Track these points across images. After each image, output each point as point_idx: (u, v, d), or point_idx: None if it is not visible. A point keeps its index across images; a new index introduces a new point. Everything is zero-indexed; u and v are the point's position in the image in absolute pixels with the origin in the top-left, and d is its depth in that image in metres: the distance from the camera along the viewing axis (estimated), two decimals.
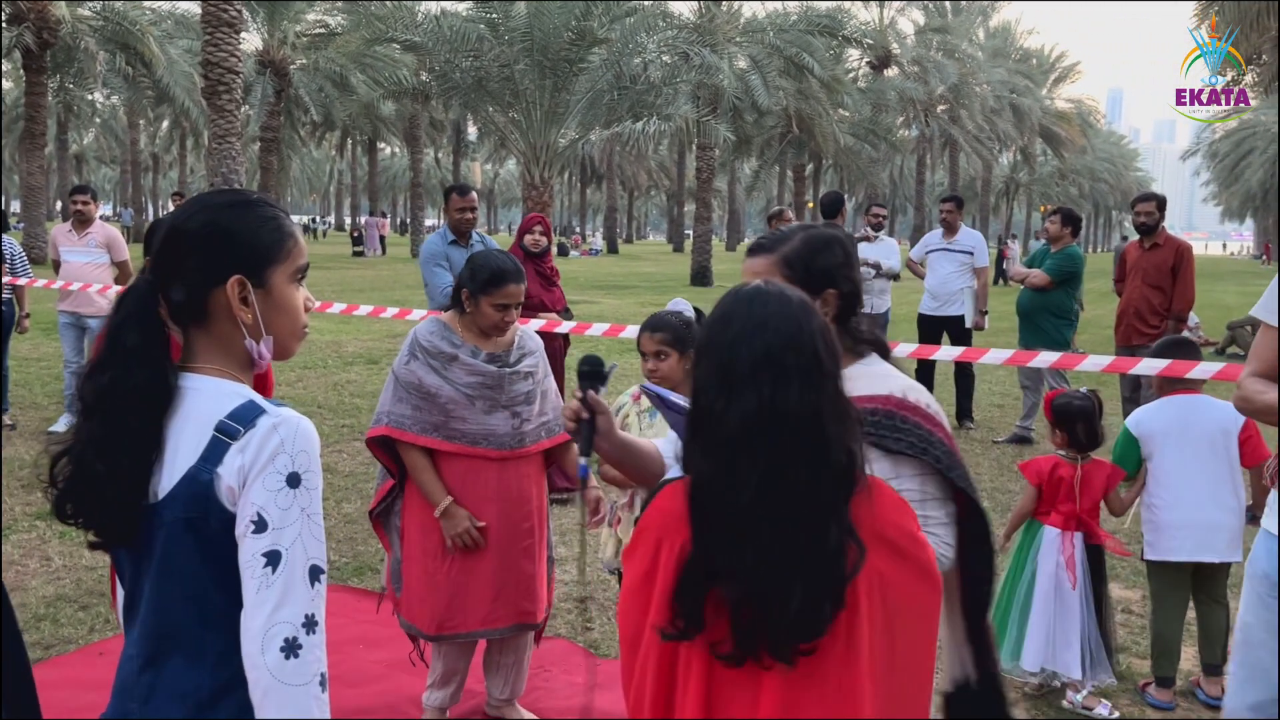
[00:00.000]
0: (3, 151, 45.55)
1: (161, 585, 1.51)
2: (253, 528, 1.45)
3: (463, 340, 3.22)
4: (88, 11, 26.60)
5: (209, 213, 1.55)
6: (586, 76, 19.85)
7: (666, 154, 52.67)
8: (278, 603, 1.44)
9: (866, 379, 2.01)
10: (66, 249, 7.64)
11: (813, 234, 2.07)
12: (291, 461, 1.47)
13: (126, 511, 1.49)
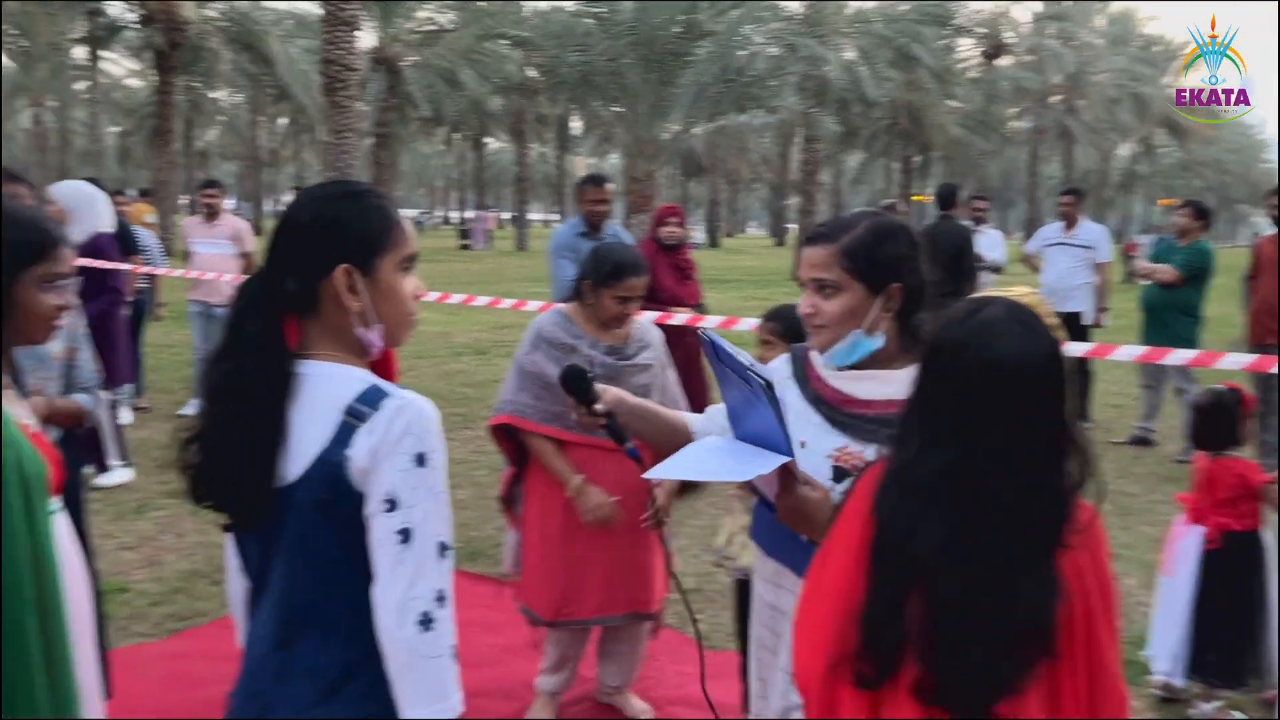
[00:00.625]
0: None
1: (293, 566, 1.55)
2: (385, 507, 1.48)
3: (583, 332, 3.27)
4: (214, 12, 27.72)
5: (318, 204, 1.59)
6: (692, 69, 19.83)
7: (770, 146, 52.19)
8: (412, 578, 1.48)
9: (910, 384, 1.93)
10: (197, 240, 8.00)
11: (878, 222, 1.93)
12: (418, 442, 1.51)
13: (255, 495, 1.53)
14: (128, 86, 51.19)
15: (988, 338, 1.41)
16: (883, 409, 1.85)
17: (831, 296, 1.88)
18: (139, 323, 7.77)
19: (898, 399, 1.81)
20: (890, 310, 1.88)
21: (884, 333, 1.90)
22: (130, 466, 6.18)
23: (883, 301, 1.87)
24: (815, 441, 1.91)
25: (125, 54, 32.89)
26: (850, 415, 1.90)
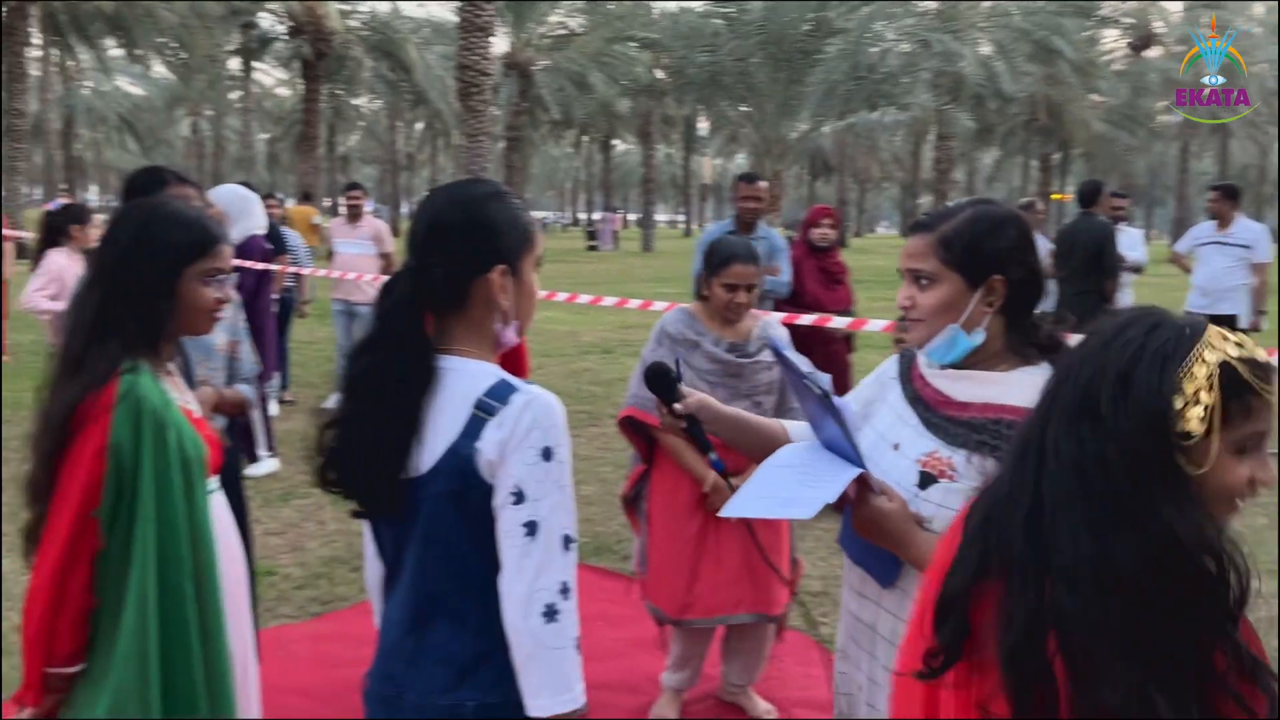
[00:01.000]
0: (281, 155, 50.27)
1: (425, 555, 1.59)
2: (512, 499, 1.52)
3: (706, 329, 3.30)
4: (357, 22, 28.85)
5: (470, 205, 1.63)
6: (821, 68, 19.62)
7: (901, 144, 51.15)
8: (538, 570, 1.52)
9: (1017, 387, 1.70)
10: (340, 241, 8.34)
11: (982, 211, 1.79)
12: (544, 436, 1.54)
13: (385, 484, 1.58)
14: (277, 95, 53.75)
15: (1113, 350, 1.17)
16: (978, 413, 1.73)
17: (928, 288, 1.76)
18: (285, 319, 8.15)
19: (996, 403, 1.72)
20: (992, 305, 1.75)
21: (985, 329, 1.75)
22: (276, 456, 6.49)
23: (982, 295, 1.74)
24: (908, 444, 1.81)
25: (275, 64, 34.53)
26: (943, 417, 1.78)
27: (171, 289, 2.01)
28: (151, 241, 2.01)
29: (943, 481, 1.72)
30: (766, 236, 5.75)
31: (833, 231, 5.95)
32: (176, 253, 2.02)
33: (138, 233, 2.02)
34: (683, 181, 55.43)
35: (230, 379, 2.98)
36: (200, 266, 2.05)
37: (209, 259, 2.07)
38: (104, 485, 1.89)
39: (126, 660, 1.89)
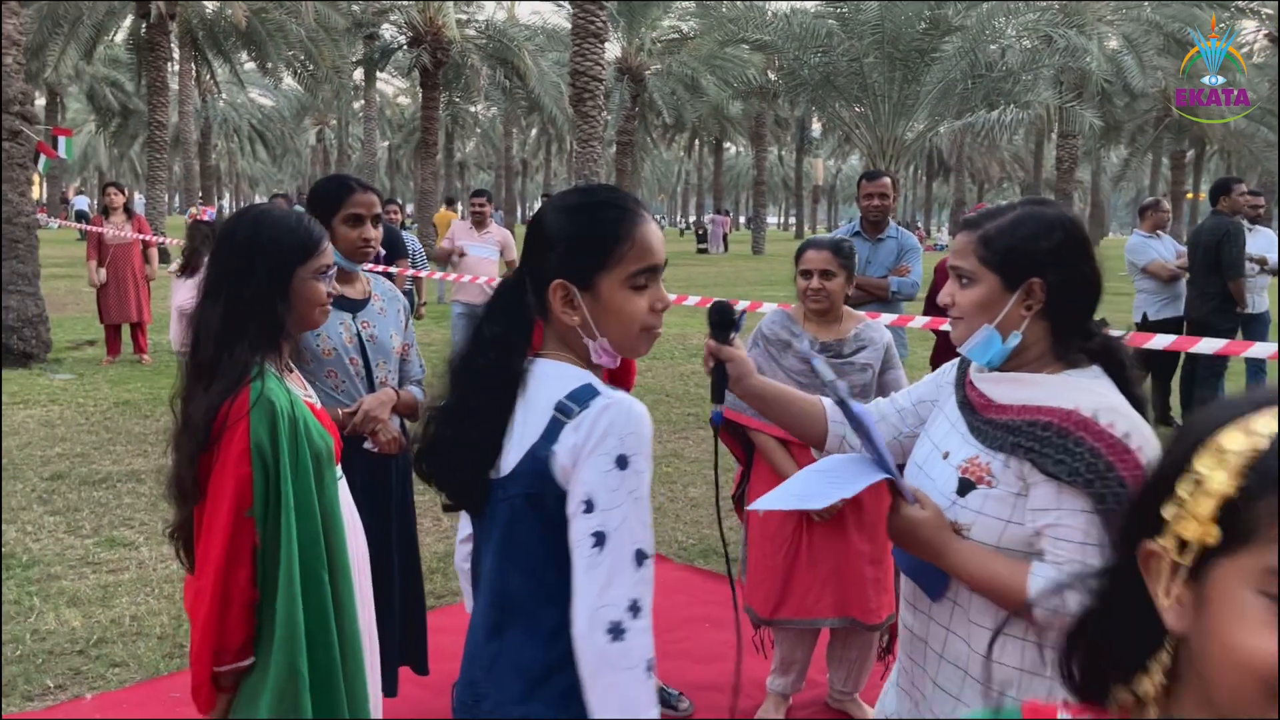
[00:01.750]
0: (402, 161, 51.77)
1: (503, 558, 1.56)
2: (583, 507, 1.47)
3: (802, 330, 3.29)
4: (473, 31, 29.54)
5: (553, 214, 1.61)
6: (938, 66, 19.20)
7: (1022, 144, 49.60)
8: (605, 583, 1.44)
9: (1057, 389, 1.68)
10: (468, 243, 8.54)
11: (1029, 212, 1.74)
12: (620, 443, 1.47)
13: (471, 480, 1.58)
14: (398, 104, 55.46)
15: None
16: (1015, 415, 1.68)
17: (967, 287, 1.75)
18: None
19: (1033, 404, 1.67)
20: (1032, 308, 1.70)
21: (1023, 333, 1.71)
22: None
23: (1020, 297, 1.70)
24: (955, 451, 1.77)
25: (396, 74, 35.62)
26: (985, 421, 1.74)
27: (286, 289, 2.11)
28: (264, 246, 2.12)
29: (981, 487, 1.69)
30: (895, 235, 5.52)
31: None
32: (288, 254, 2.13)
33: (250, 240, 2.13)
34: (794, 183, 54.92)
35: (401, 381, 3.11)
36: (310, 265, 2.15)
37: (317, 257, 2.17)
38: (253, 485, 2.01)
39: (280, 651, 2.01)
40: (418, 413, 3.15)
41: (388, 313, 3.09)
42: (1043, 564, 1.62)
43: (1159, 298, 8.01)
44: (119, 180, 14.07)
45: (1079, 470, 1.58)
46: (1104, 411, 1.62)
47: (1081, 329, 1.73)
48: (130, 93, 36.42)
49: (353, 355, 2.93)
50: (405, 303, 3.24)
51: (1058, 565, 1.60)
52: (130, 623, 4.17)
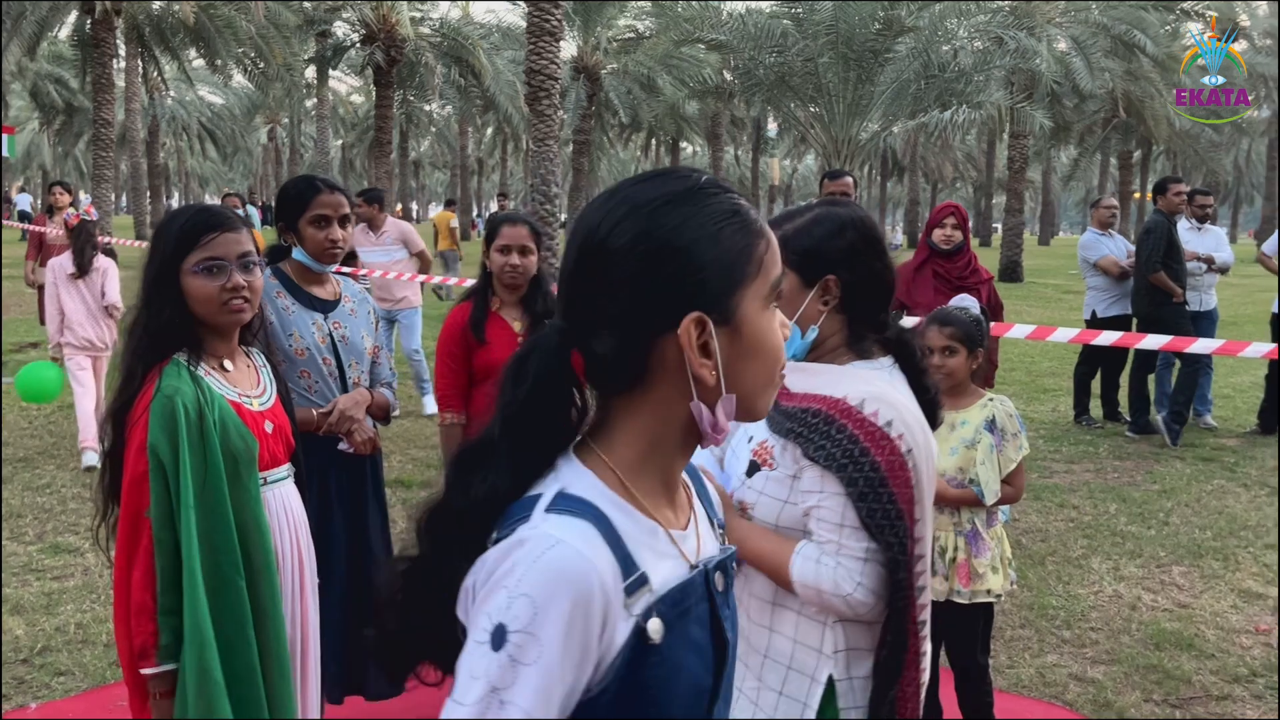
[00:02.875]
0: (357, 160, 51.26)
1: None
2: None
3: None
4: (427, 29, 29.29)
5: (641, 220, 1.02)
6: (892, 67, 19.39)
7: (974, 144, 50.27)
8: None
9: (836, 378, 1.77)
10: (363, 249, 8.20)
11: (824, 212, 1.84)
12: (508, 606, 0.93)
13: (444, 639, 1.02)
14: (351, 102, 54.88)
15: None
16: (798, 402, 1.76)
17: None
18: None
19: (815, 393, 1.74)
20: (827, 304, 1.80)
21: (820, 326, 1.81)
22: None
23: (818, 293, 1.79)
24: (756, 434, 1.85)
25: (349, 72, 35.21)
26: (775, 408, 1.80)
27: (175, 286, 2.06)
28: (153, 244, 2.09)
29: (764, 469, 1.78)
30: None
31: (957, 233, 5.34)
32: (168, 248, 2.07)
33: (150, 240, 2.12)
34: (751, 183, 55.18)
35: (371, 383, 3.10)
36: (190, 260, 2.07)
37: (197, 250, 2.08)
38: (149, 485, 1.95)
39: (190, 653, 1.96)
40: (389, 415, 3.12)
41: (358, 314, 3.09)
42: (808, 543, 1.72)
43: (1108, 295, 8.14)
44: (64, 179, 13.75)
45: (835, 455, 1.67)
46: (870, 400, 1.70)
47: (876, 322, 1.84)
48: (75, 90, 35.70)
49: (325, 355, 2.93)
50: (374, 305, 3.24)
51: (820, 545, 1.70)
52: (75, 630, 4.08)
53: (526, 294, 3.50)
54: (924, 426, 1.73)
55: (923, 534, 1.71)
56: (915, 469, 1.68)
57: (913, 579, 1.70)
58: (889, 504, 1.67)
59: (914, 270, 5.38)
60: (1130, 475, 6.83)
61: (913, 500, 1.68)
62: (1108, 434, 8.03)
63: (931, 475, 1.74)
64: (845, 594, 1.68)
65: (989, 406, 3.18)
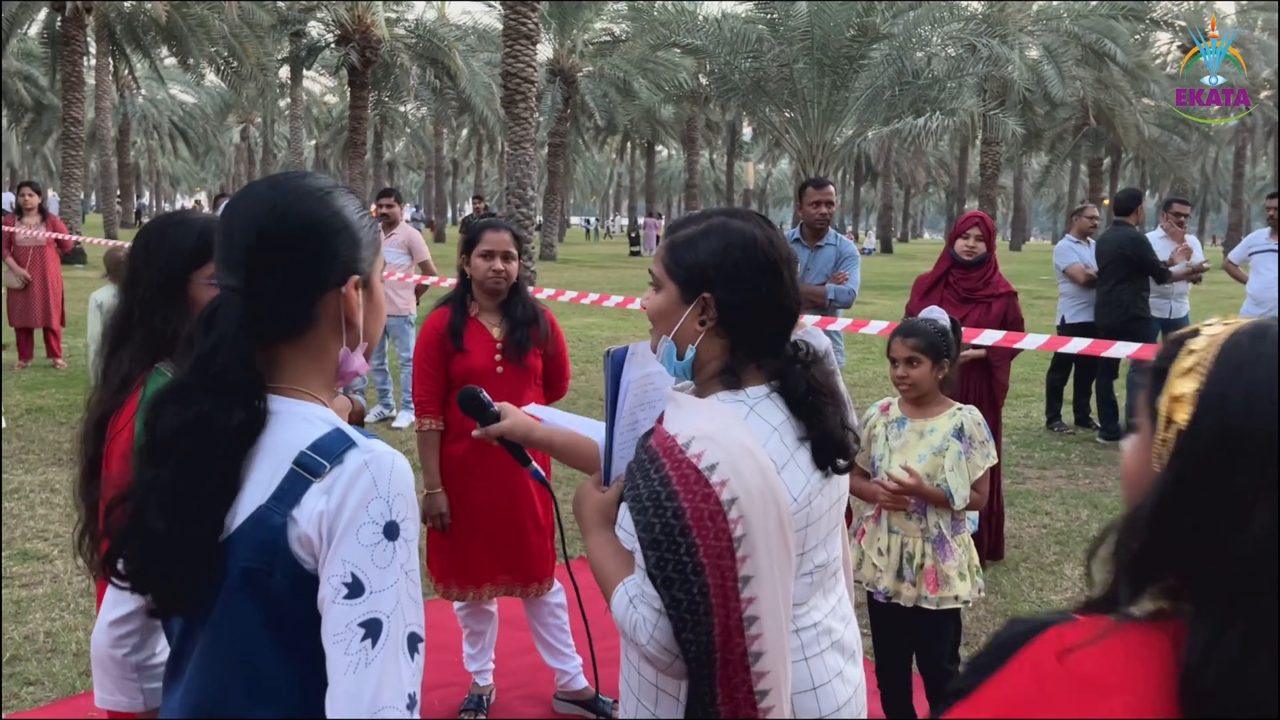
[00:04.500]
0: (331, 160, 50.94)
1: (210, 649, 1.25)
2: (344, 591, 1.17)
3: None
4: (403, 30, 29.18)
5: (309, 203, 1.31)
6: (866, 73, 19.52)
7: (947, 150, 50.72)
8: (379, 683, 1.16)
9: (689, 412, 1.60)
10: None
11: (715, 224, 1.67)
12: (389, 508, 1.20)
13: (190, 565, 1.22)
14: (325, 103, 54.56)
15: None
16: (652, 435, 1.66)
17: (656, 292, 1.71)
18: None
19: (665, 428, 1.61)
20: (704, 324, 1.65)
21: (697, 348, 1.66)
22: None
23: (695, 310, 1.65)
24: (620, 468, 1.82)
25: (323, 72, 35.01)
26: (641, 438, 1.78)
27: (181, 295, 2.01)
28: (158, 251, 2.03)
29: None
30: (834, 243, 5.52)
31: (981, 244, 5.11)
32: (183, 259, 2.03)
33: (147, 245, 2.04)
34: (725, 187, 55.33)
35: (345, 389, 3.08)
36: (205, 270, 2.03)
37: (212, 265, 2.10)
38: None
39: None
40: (363, 419, 3.10)
41: None
42: (631, 580, 1.60)
43: (1077, 302, 8.23)
44: (33, 178, 13.57)
45: (641, 497, 1.53)
46: (699, 440, 1.53)
47: (767, 349, 1.67)
48: (44, 88, 35.28)
49: None
50: None
51: (637, 582, 1.58)
52: (45, 639, 4.03)
53: (506, 300, 3.48)
54: (767, 472, 1.53)
55: (759, 594, 1.50)
56: (744, 519, 1.48)
57: (733, 641, 1.50)
58: (685, 555, 1.48)
59: (931, 283, 5.25)
60: (1101, 481, 6.90)
61: (729, 553, 1.48)
62: (1079, 440, 8.12)
63: (779, 525, 1.52)
64: (641, 643, 1.55)
65: (957, 415, 3.22)
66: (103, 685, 1.50)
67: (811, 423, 1.64)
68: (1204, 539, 0.90)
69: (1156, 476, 0.95)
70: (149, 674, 1.49)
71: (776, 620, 1.52)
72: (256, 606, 1.21)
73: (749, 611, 1.49)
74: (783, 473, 1.57)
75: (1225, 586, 0.88)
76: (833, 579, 1.76)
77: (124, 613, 1.46)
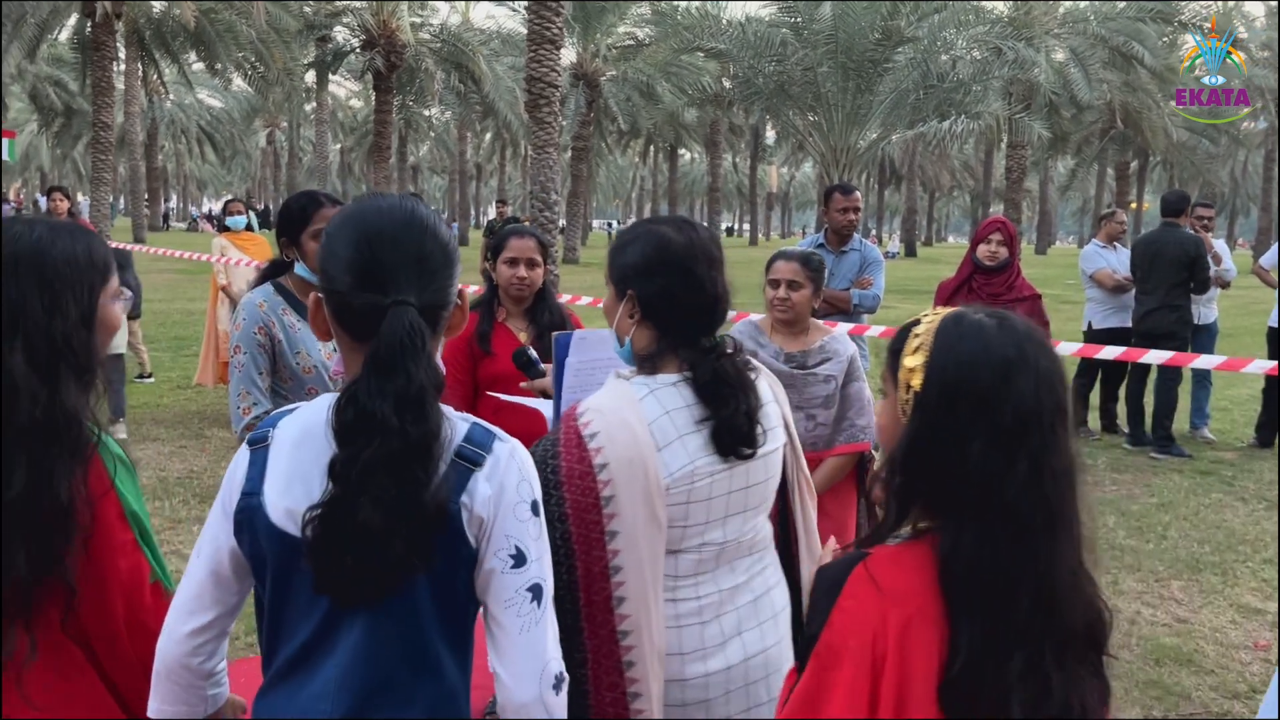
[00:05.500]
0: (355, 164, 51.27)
1: (378, 628, 1.34)
2: (511, 561, 1.35)
3: (769, 340, 3.34)
4: (428, 35, 29.37)
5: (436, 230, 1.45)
6: (891, 77, 19.47)
7: (972, 153, 50.44)
8: (546, 638, 1.37)
9: (601, 391, 1.85)
10: None
11: (641, 230, 1.92)
12: (532, 489, 1.39)
13: (400, 563, 1.30)
14: (350, 107, 54.96)
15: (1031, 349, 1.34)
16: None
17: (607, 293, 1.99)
18: None
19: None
20: (633, 317, 1.86)
21: (631, 339, 1.88)
22: None
23: (627, 306, 1.88)
24: None
25: (348, 77, 35.29)
26: None
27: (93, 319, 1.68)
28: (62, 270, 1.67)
29: None
30: (858, 248, 5.51)
31: (1003, 249, 5.10)
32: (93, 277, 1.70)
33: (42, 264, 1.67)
34: (748, 190, 55.32)
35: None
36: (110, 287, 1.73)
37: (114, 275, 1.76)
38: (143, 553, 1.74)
39: None
40: None
41: None
42: None
43: (1105, 307, 8.15)
44: (62, 182, 13.75)
45: (541, 455, 1.76)
46: (590, 412, 1.78)
47: (684, 340, 1.85)
48: (74, 92, 35.73)
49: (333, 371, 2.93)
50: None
51: None
52: None
53: (532, 305, 3.51)
54: (642, 445, 1.74)
55: (623, 548, 1.73)
56: (613, 482, 1.72)
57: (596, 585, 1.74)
58: (555, 505, 1.73)
59: (954, 288, 5.21)
60: (1128, 488, 6.84)
61: (595, 509, 1.73)
62: (1105, 446, 8.04)
63: (645, 493, 1.73)
64: None
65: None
66: (164, 696, 1.49)
67: (713, 410, 1.81)
68: (941, 468, 1.29)
69: (903, 428, 1.33)
70: (214, 681, 1.52)
71: (640, 574, 1.74)
72: (427, 586, 1.34)
73: (614, 561, 1.73)
74: (663, 450, 1.77)
75: (960, 499, 1.29)
76: (739, 561, 1.91)
77: (204, 622, 1.47)
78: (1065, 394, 1.32)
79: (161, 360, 10.44)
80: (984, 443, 1.27)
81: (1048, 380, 1.30)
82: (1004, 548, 1.26)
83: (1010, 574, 1.26)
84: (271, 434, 1.41)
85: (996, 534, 1.26)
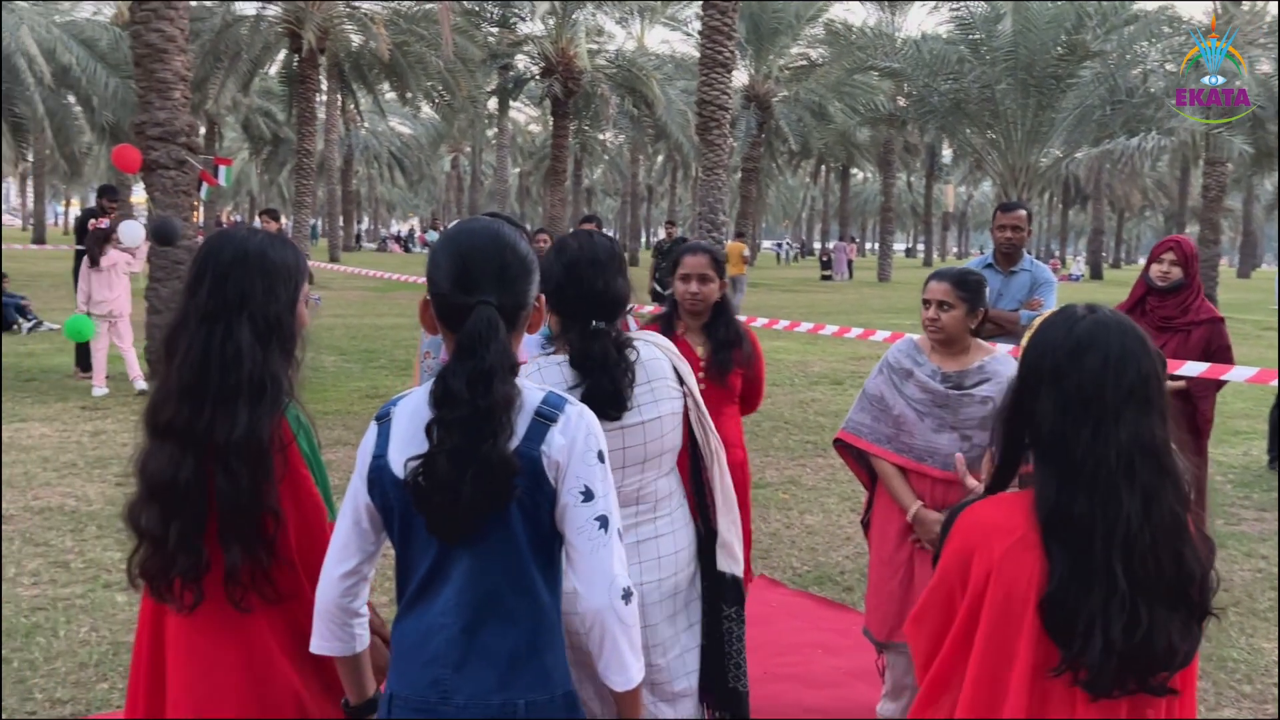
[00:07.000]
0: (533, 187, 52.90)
1: (485, 558, 1.67)
2: (582, 497, 1.68)
3: (926, 359, 3.31)
4: (604, 61, 30.18)
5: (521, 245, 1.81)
6: (1075, 92, 18.74)
7: (1166, 170, 47.62)
8: (613, 558, 1.69)
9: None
10: None
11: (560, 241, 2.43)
12: (597, 440, 1.72)
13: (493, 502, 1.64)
14: (529, 132, 56.94)
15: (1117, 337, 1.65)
16: None
17: None
18: None
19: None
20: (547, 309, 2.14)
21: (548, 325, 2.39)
22: None
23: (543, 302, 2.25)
24: None
25: (528, 103, 36.61)
26: None
27: (295, 310, 2.13)
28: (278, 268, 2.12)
29: None
30: (1029, 268, 5.37)
31: (1176, 269, 4.92)
32: (300, 276, 2.15)
33: (265, 260, 2.13)
34: (923, 210, 53.97)
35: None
36: (306, 288, 2.17)
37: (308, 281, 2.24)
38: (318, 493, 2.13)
39: None
40: None
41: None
42: None
43: None
44: (269, 205, 14.90)
45: None
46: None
47: (571, 327, 2.34)
48: (281, 122, 38.44)
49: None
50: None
51: None
52: None
53: (710, 320, 3.66)
54: None
55: None
56: None
57: None
58: None
59: (1126, 310, 4.97)
60: None
61: None
62: None
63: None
64: None
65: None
66: (322, 634, 1.80)
67: (582, 381, 2.29)
68: (1025, 431, 1.68)
69: (1005, 398, 1.74)
70: (360, 621, 1.83)
71: None
72: (520, 518, 1.68)
73: None
74: None
75: (1040, 453, 1.65)
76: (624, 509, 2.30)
77: (350, 566, 1.78)
78: (1143, 378, 1.60)
79: (351, 371, 11.17)
80: (1053, 410, 1.61)
81: (1118, 363, 1.59)
82: (1078, 499, 1.58)
83: (1083, 521, 1.57)
84: (393, 411, 1.76)
85: (1072, 487, 1.58)
